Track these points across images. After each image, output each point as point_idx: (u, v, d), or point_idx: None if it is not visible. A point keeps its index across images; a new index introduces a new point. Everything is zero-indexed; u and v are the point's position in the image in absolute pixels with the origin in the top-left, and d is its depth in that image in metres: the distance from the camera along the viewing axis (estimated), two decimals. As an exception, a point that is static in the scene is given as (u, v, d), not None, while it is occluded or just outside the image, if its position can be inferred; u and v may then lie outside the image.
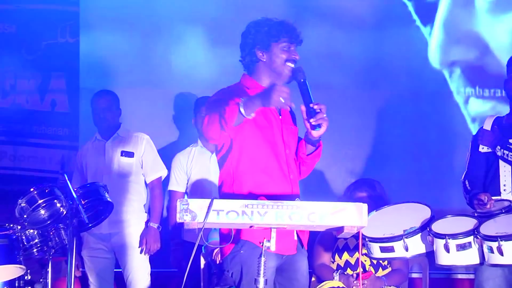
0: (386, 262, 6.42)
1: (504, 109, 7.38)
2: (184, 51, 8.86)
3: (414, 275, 7.23)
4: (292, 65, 5.06)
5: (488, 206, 5.59)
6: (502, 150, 5.55)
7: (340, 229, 4.36)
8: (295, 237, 4.90)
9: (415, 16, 8.53)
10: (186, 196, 6.68)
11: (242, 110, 4.69)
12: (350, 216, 4.27)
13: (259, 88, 5.01)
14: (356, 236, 5.96)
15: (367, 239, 5.59)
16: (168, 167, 7.34)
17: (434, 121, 8.55)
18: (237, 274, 5.05)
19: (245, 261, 4.93)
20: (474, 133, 7.73)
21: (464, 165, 6.01)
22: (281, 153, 5.09)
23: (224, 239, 4.91)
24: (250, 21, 5.18)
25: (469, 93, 8.65)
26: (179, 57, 8.83)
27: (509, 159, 5.64)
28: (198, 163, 6.98)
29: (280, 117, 5.13)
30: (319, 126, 4.92)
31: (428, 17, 8.52)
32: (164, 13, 8.78)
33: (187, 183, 7.06)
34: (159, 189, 7.13)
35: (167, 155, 7.57)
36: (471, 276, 6.30)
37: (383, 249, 5.55)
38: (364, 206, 4.24)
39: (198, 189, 6.82)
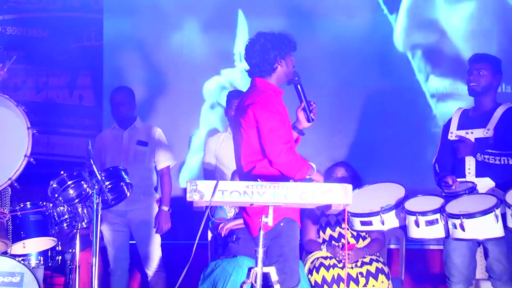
0: (364, 233, 6.41)
1: (459, 87, 8.10)
2: (193, 53, 8.70)
3: (392, 246, 7.17)
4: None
5: (453, 187, 5.58)
6: (482, 155, 5.48)
7: (329, 206, 4.41)
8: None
9: (383, 6, 8.56)
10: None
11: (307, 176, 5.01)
12: (337, 195, 4.34)
13: (279, 92, 5.15)
14: (336, 214, 6.09)
15: (349, 214, 5.60)
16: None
17: (400, 98, 8.55)
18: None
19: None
20: (433, 107, 8.23)
21: (434, 150, 6.00)
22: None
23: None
24: (260, 32, 5.22)
25: (428, 71, 8.63)
26: (190, 58, 8.65)
27: (490, 162, 5.56)
28: (225, 147, 6.81)
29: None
30: (313, 119, 5.07)
31: (393, 6, 8.56)
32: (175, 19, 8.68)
33: (215, 163, 6.99)
34: (168, 176, 7.08)
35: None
36: (441, 247, 6.25)
37: (362, 223, 5.64)
38: (349, 187, 4.36)
39: (224, 169, 6.75)
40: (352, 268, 6.14)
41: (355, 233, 6.36)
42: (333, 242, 6.40)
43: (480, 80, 5.62)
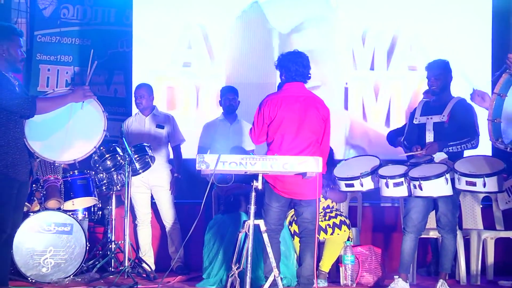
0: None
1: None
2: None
3: (352, 204, 6.88)
4: None
5: (419, 153, 5.56)
6: (447, 149, 5.41)
7: (304, 173, 4.44)
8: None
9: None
10: (209, 151, 6.52)
11: None
12: (310, 165, 4.38)
13: None
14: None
15: (337, 178, 5.68)
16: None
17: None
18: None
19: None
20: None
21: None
22: None
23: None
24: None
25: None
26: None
27: (453, 151, 5.49)
28: (220, 130, 6.77)
29: None
30: None
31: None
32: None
33: (211, 143, 6.79)
34: (179, 151, 6.96)
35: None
36: (389, 205, 6.25)
37: (347, 185, 5.64)
38: (320, 159, 4.40)
39: (219, 147, 6.45)
40: (322, 221, 6.03)
41: (325, 193, 6.20)
42: None
43: (437, 84, 5.56)
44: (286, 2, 8.40)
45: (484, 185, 5.17)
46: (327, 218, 6.09)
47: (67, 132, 4.90)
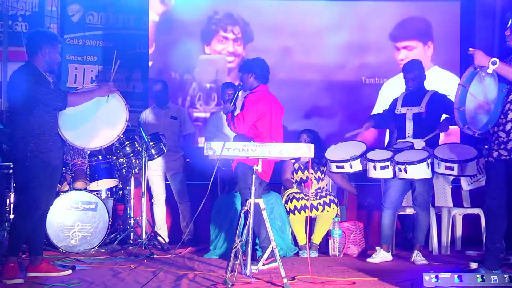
0: (322, 175, 6.31)
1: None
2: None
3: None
4: None
5: (363, 128, 5.79)
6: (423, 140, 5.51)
7: (298, 158, 4.66)
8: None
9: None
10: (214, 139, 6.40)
11: None
12: (304, 151, 4.35)
13: None
14: (305, 163, 6.18)
15: (328, 161, 5.66)
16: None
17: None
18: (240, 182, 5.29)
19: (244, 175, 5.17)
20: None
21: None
22: None
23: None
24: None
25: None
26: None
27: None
28: (223, 120, 6.33)
29: None
30: None
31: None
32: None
33: (215, 132, 6.67)
34: (190, 139, 7.04)
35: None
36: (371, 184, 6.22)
37: (337, 167, 5.62)
38: (312, 146, 4.36)
39: (223, 136, 6.38)
40: (314, 200, 6.04)
41: (316, 176, 6.28)
42: (303, 184, 6.27)
43: (413, 83, 5.58)
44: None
45: (461, 170, 5.21)
46: (318, 197, 6.08)
47: (94, 123, 4.92)
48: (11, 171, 5.81)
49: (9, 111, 4.72)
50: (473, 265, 4.86)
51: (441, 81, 7.59)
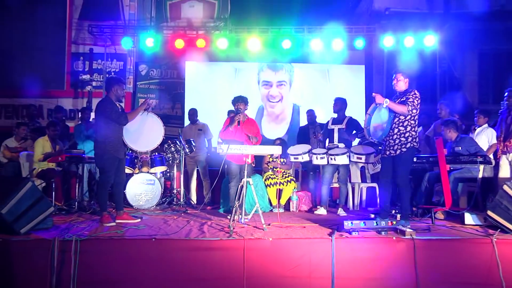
0: (284, 161, 5.97)
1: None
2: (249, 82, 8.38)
3: (296, 167, 6.47)
4: None
5: (320, 136, 5.53)
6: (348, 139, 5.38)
7: (272, 154, 4.72)
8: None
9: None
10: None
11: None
12: (276, 150, 4.34)
13: None
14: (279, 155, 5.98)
15: (290, 155, 5.51)
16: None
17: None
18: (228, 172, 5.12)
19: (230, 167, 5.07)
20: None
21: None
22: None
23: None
24: None
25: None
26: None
27: (353, 140, 5.36)
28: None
29: (239, 126, 5.02)
30: None
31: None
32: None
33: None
34: (210, 143, 6.72)
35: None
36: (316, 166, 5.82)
37: (294, 158, 5.54)
38: (280, 147, 4.36)
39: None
40: (281, 179, 5.79)
41: (282, 162, 6.03)
42: (275, 168, 6.01)
43: (339, 112, 5.42)
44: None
45: (365, 159, 5.26)
46: (283, 177, 5.88)
47: (142, 135, 4.74)
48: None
49: (95, 125, 4.64)
50: (372, 216, 4.81)
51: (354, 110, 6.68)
